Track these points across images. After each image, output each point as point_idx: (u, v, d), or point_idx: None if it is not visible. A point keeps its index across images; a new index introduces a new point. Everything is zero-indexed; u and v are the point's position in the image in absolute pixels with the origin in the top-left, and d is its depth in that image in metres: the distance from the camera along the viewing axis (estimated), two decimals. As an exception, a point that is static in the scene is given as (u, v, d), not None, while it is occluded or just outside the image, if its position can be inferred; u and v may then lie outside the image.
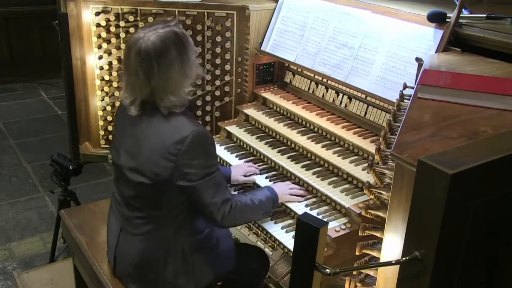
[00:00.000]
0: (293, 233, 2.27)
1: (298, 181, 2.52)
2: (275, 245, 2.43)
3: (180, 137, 1.90)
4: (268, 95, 3.08)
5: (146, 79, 1.91)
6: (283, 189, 2.39)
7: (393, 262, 1.30)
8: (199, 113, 3.30)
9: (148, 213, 2.05)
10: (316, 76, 2.93)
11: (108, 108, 3.41)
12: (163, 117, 1.96)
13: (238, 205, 2.09)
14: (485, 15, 2.30)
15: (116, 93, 3.38)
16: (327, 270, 1.32)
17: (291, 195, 2.40)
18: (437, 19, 2.30)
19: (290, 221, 2.39)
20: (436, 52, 2.27)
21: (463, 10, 2.26)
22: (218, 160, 2.77)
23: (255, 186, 2.56)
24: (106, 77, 3.36)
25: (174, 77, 1.93)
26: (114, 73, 3.34)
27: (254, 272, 2.38)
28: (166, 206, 2.02)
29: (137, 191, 2.03)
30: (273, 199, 2.28)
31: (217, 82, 3.22)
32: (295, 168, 2.55)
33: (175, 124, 1.95)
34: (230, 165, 2.70)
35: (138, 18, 3.21)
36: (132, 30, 3.20)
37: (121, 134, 2.13)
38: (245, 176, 2.56)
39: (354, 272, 1.65)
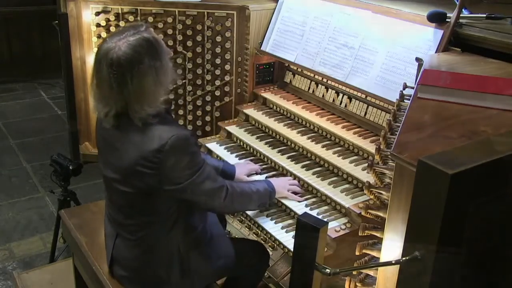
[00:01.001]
0: (293, 233, 2.27)
1: (298, 181, 2.52)
2: (275, 245, 2.43)
3: (159, 145, 1.85)
4: (268, 95, 3.08)
5: (120, 91, 1.84)
6: (283, 183, 2.41)
7: (393, 262, 1.30)
8: (199, 113, 3.31)
9: (141, 219, 2.04)
10: (316, 76, 2.93)
11: (108, 108, 3.41)
12: (138, 129, 1.89)
13: (236, 191, 2.09)
14: (485, 15, 2.30)
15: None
16: (327, 270, 1.32)
17: (290, 191, 2.41)
18: (437, 19, 2.30)
19: (290, 221, 2.39)
20: (436, 52, 2.27)
21: (463, 10, 2.26)
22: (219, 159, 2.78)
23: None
24: (106, 77, 3.36)
25: (148, 87, 1.85)
26: (114, 73, 3.34)
27: (254, 268, 2.37)
28: (158, 211, 2.01)
29: (126, 200, 2.02)
30: (270, 192, 2.29)
31: (217, 82, 3.22)
32: (295, 168, 2.55)
33: (152, 134, 1.88)
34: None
35: (138, 18, 3.21)
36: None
37: (102, 145, 2.09)
38: (248, 176, 2.56)
39: (354, 272, 1.65)
